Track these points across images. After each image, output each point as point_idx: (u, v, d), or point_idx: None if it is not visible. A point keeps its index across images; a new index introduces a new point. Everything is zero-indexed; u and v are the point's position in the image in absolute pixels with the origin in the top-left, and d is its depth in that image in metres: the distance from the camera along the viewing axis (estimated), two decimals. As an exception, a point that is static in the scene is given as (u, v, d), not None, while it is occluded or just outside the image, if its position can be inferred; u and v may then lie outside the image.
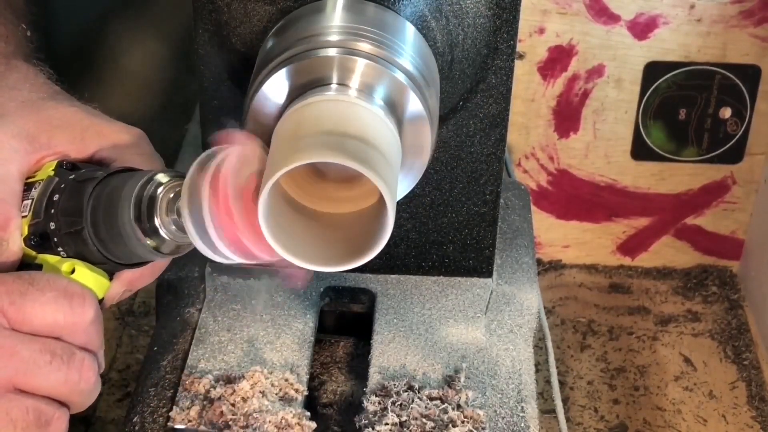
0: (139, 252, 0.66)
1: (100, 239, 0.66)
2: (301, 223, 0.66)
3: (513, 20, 0.75)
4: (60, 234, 0.66)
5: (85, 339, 0.64)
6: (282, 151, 0.62)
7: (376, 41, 0.67)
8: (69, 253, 0.66)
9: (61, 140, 0.70)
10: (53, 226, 0.66)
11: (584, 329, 1.14)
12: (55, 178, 0.68)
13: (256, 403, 0.72)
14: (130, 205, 0.64)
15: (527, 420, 0.75)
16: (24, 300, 0.62)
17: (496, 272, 0.85)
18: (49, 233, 0.66)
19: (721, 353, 1.11)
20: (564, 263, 1.22)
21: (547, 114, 1.13)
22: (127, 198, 0.64)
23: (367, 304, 0.83)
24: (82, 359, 0.63)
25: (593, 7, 1.07)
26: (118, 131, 0.73)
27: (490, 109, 0.78)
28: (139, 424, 0.73)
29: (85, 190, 0.66)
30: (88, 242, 0.66)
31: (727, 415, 1.05)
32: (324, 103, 0.64)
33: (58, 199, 0.66)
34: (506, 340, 0.81)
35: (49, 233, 0.66)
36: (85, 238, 0.65)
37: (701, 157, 1.14)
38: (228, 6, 0.74)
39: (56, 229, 0.66)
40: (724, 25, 1.07)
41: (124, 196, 0.65)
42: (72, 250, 0.66)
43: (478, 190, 0.81)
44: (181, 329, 0.80)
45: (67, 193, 0.66)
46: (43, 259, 0.67)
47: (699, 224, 1.18)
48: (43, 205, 0.67)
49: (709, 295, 1.18)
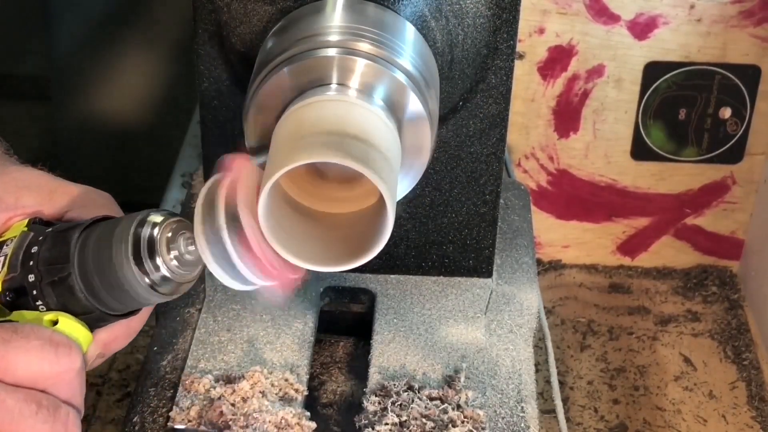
0: (136, 294, 0.64)
1: (88, 286, 0.63)
2: (301, 223, 0.66)
3: (513, 20, 0.75)
4: (41, 285, 0.64)
5: (69, 392, 0.61)
6: (282, 151, 0.62)
7: (376, 41, 0.67)
8: (50, 306, 0.64)
9: (30, 200, 0.69)
10: (32, 279, 0.64)
11: (584, 329, 1.14)
12: (30, 233, 0.66)
13: (256, 403, 0.72)
14: (128, 247, 0.63)
15: (527, 420, 0.75)
16: (8, 348, 0.59)
17: (496, 272, 0.85)
18: (27, 286, 0.64)
19: (721, 353, 1.11)
20: (564, 263, 1.22)
21: (547, 114, 1.13)
22: (122, 239, 0.63)
23: (367, 304, 0.83)
24: (68, 413, 0.60)
25: (593, 7, 1.07)
26: (87, 192, 0.71)
27: (490, 109, 0.78)
28: (139, 424, 0.73)
29: (71, 237, 0.64)
30: (74, 289, 0.63)
31: (727, 415, 1.04)
32: (324, 103, 0.64)
33: (37, 251, 0.64)
34: (506, 340, 0.81)
35: (26, 286, 0.64)
36: (71, 285, 0.63)
37: (701, 157, 1.14)
38: (228, 6, 0.74)
39: (36, 281, 0.64)
40: (724, 25, 1.07)
41: (118, 238, 0.63)
42: (54, 301, 0.64)
43: (478, 190, 0.81)
44: (181, 329, 0.80)
45: (48, 243, 0.64)
46: (19, 315, 0.64)
47: (699, 224, 1.18)
48: (20, 259, 0.64)
49: (709, 295, 1.18)
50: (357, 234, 0.66)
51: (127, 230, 0.63)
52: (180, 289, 0.65)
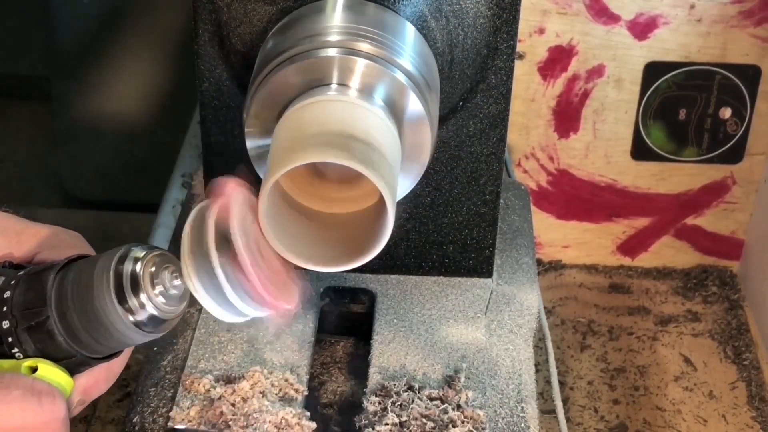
0: (120, 335, 0.61)
1: (68, 329, 0.60)
2: (301, 223, 0.66)
3: (513, 20, 0.75)
4: (17, 331, 0.61)
5: None
6: (283, 151, 0.62)
7: (377, 41, 0.67)
8: (27, 352, 0.61)
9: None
10: (6, 325, 0.60)
11: (584, 329, 1.14)
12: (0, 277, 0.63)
13: (256, 403, 0.72)
14: (110, 285, 0.60)
15: (527, 420, 0.75)
16: None
17: (496, 272, 0.85)
18: (2, 333, 0.61)
19: (721, 353, 1.11)
20: (564, 263, 1.22)
21: (547, 114, 1.13)
22: (103, 278, 0.60)
23: (367, 304, 0.83)
24: None
25: (593, 7, 1.07)
26: (56, 232, 0.68)
27: (490, 109, 0.78)
28: (139, 424, 0.73)
29: (46, 279, 0.61)
30: (53, 333, 0.60)
31: (727, 415, 1.04)
32: (324, 103, 0.64)
33: (10, 296, 0.61)
34: (506, 340, 0.81)
35: (1, 334, 0.61)
36: (50, 330, 0.60)
37: (701, 157, 1.14)
38: (228, 6, 0.74)
39: (11, 327, 0.61)
40: (724, 25, 1.07)
41: (99, 276, 0.60)
42: (31, 347, 0.61)
43: (478, 190, 0.81)
44: (181, 329, 0.80)
45: (21, 287, 0.61)
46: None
47: (699, 224, 1.18)
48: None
49: (709, 295, 1.18)
50: (357, 234, 0.66)
51: (107, 267, 0.60)
52: (165, 327, 0.62)
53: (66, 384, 0.61)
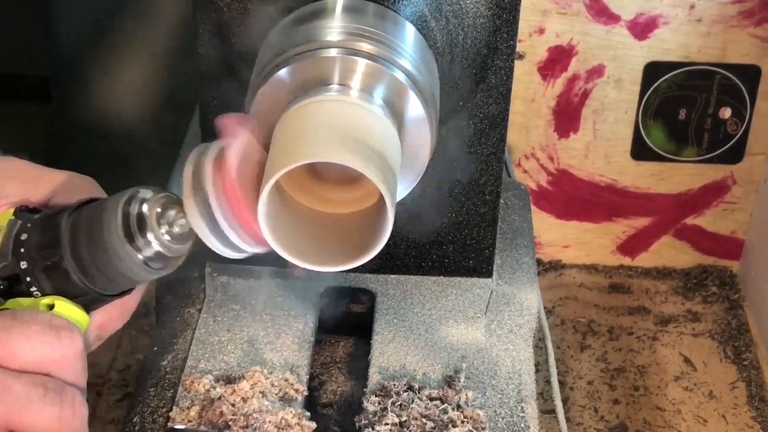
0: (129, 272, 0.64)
1: (82, 267, 0.64)
2: (301, 223, 0.66)
3: (513, 20, 0.75)
4: (34, 271, 0.64)
5: (73, 375, 0.61)
6: (282, 151, 0.62)
7: (377, 41, 0.67)
8: (45, 291, 0.64)
9: (14, 190, 0.69)
10: (25, 265, 0.64)
11: (584, 329, 1.14)
12: (17, 221, 0.66)
13: (256, 403, 0.72)
14: (118, 225, 0.63)
15: (527, 420, 0.75)
16: (9, 335, 0.59)
17: (496, 272, 0.85)
18: (20, 274, 0.64)
19: (721, 353, 1.11)
20: (564, 263, 1.22)
21: (547, 114, 1.13)
22: (112, 218, 0.63)
23: (367, 304, 0.83)
24: (74, 394, 0.60)
25: (593, 7, 1.07)
26: (70, 177, 0.70)
27: (490, 109, 0.78)
28: (139, 424, 0.73)
29: (60, 221, 0.64)
30: (68, 272, 0.64)
31: (727, 415, 1.04)
32: (325, 103, 0.64)
33: (27, 238, 0.64)
34: (506, 340, 0.81)
35: (20, 274, 0.64)
36: (65, 269, 0.63)
37: (701, 157, 1.14)
38: (228, 6, 0.74)
39: (29, 267, 0.64)
40: (724, 25, 1.07)
41: (108, 217, 0.63)
42: (48, 286, 0.64)
43: (478, 190, 0.81)
44: (181, 329, 0.80)
45: (37, 229, 0.65)
46: (15, 303, 0.64)
47: (699, 224, 1.18)
48: (10, 247, 0.65)
49: (709, 295, 1.18)
50: (357, 234, 0.66)
51: (116, 208, 0.63)
52: (173, 264, 0.65)
53: (82, 320, 0.64)
